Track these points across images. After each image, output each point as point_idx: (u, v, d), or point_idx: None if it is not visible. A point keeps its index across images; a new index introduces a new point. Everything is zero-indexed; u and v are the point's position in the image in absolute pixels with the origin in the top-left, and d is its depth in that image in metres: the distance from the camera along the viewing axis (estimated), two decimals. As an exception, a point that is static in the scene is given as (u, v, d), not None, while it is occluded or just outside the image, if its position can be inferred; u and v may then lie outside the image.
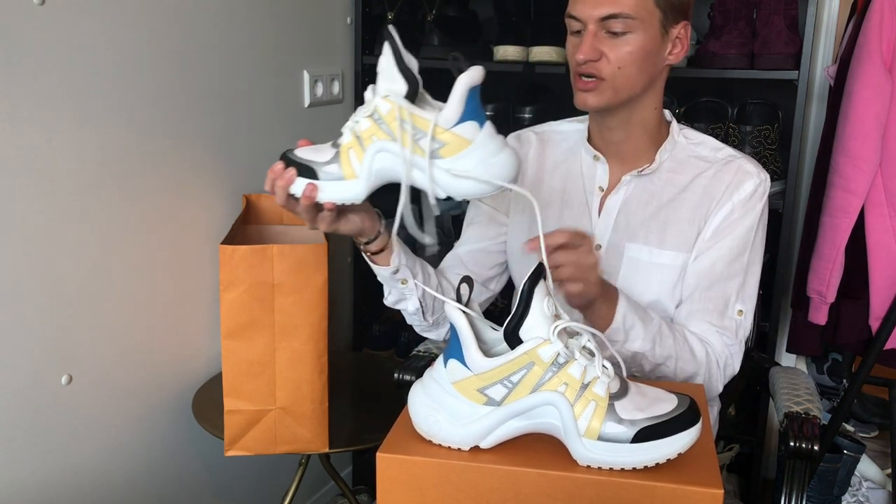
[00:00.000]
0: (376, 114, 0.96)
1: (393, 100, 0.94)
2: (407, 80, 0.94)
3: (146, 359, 1.56)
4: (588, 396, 0.79)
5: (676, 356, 1.20)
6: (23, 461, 1.34)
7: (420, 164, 0.95)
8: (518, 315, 0.81)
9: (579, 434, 0.79)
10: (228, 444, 1.43)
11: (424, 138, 0.93)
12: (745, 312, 1.27)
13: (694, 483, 0.77)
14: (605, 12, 1.17)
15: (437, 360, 0.85)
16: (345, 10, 2.06)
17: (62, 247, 1.36)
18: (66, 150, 1.34)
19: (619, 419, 0.79)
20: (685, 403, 0.81)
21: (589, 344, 0.82)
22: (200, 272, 1.66)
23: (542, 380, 0.80)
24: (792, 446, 1.22)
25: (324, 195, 1.00)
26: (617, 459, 0.79)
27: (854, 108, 1.68)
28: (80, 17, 1.33)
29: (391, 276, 1.19)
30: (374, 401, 1.72)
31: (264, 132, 1.81)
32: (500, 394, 0.81)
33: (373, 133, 0.97)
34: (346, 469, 2.29)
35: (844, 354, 2.14)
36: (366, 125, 0.97)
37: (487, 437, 0.82)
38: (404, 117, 0.94)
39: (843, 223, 1.73)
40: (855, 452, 2.06)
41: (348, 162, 0.99)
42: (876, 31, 1.64)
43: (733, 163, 1.27)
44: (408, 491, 0.82)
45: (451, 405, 0.83)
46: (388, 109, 0.95)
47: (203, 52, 1.61)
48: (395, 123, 0.94)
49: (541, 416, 0.81)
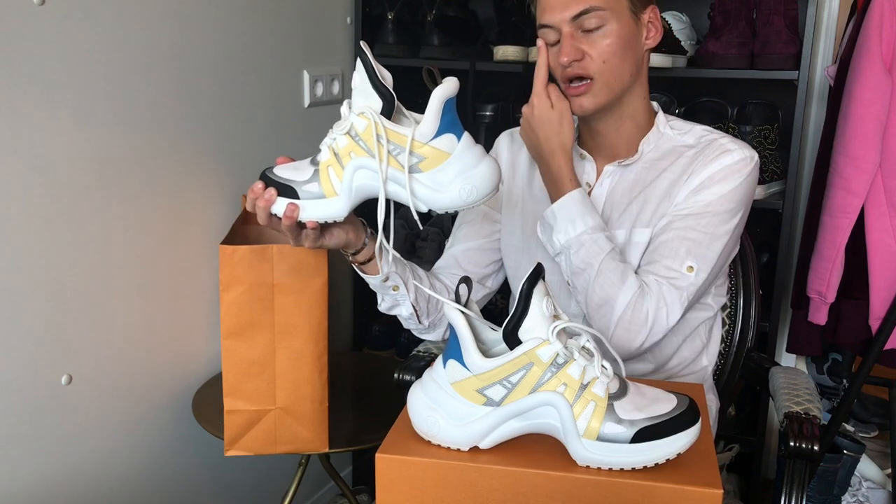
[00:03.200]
0: (353, 130, 0.96)
1: (368, 116, 0.95)
2: (382, 95, 0.95)
3: (146, 359, 1.56)
4: (587, 397, 0.79)
5: (599, 270, 1.18)
6: (22, 461, 1.34)
7: (399, 180, 0.95)
8: (517, 315, 0.81)
9: (578, 434, 0.79)
10: (228, 444, 1.43)
11: (402, 153, 0.94)
12: (695, 270, 1.20)
13: (693, 483, 0.77)
14: (576, 10, 1.18)
15: (437, 361, 0.85)
16: (345, 10, 2.06)
17: (62, 247, 1.36)
18: (66, 150, 1.34)
19: (619, 419, 0.79)
20: (685, 403, 0.81)
21: (588, 344, 0.82)
22: (200, 272, 1.66)
23: (542, 380, 0.80)
24: (792, 446, 1.21)
25: (305, 214, 1.00)
26: (616, 460, 0.79)
27: (854, 108, 1.68)
28: (80, 17, 1.33)
29: (381, 283, 1.20)
30: (374, 401, 1.72)
31: (264, 132, 1.81)
32: (499, 394, 0.81)
33: (350, 150, 0.97)
34: (346, 469, 2.29)
35: (844, 354, 2.15)
36: (343, 142, 0.97)
37: (486, 437, 0.82)
38: (380, 133, 0.94)
39: (843, 223, 1.73)
40: (855, 452, 2.06)
41: (328, 180, 0.99)
42: (876, 31, 1.64)
43: (716, 142, 1.26)
44: (407, 491, 0.82)
45: (451, 406, 0.83)
46: (365, 126, 0.95)
47: (203, 52, 1.61)
48: (372, 140, 0.95)
49: (540, 417, 0.81)
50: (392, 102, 0.96)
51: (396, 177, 0.95)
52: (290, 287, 1.36)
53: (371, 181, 0.97)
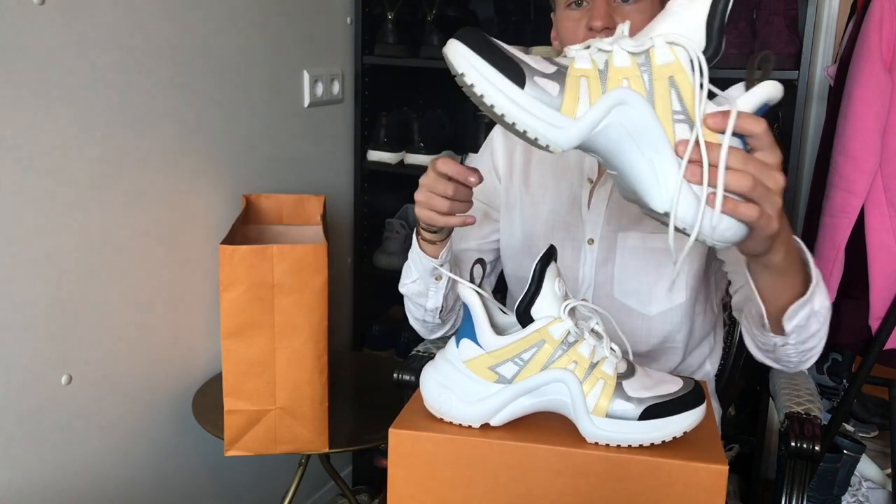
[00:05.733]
0: (644, 56, 0.71)
1: (690, 51, 0.70)
2: (715, 42, 0.71)
3: (146, 359, 1.56)
4: (597, 375, 0.81)
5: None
6: (22, 461, 1.34)
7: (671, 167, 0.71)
8: (529, 295, 0.82)
9: (588, 411, 0.80)
10: (228, 444, 1.43)
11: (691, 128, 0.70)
12: None
13: (699, 460, 0.78)
14: None
15: (450, 342, 0.87)
16: (345, 10, 2.06)
17: (63, 246, 1.36)
18: (65, 150, 1.34)
19: (627, 397, 0.80)
20: (690, 385, 0.83)
21: (597, 327, 0.83)
22: (200, 272, 1.66)
23: (553, 357, 0.81)
24: (792, 446, 1.22)
25: (519, 118, 0.71)
26: (624, 436, 0.80)
27: (854, 108, 1.68)
28: (80, 17, 1.33)
29: (432, 269, 1.17)
30: (374, 401, 1.72)
31: (264, 132, 1.81)
32: (511, 371, 0.82)
33: (627, 76, 0.71)
34: (346, 469, 2.29)
35: (844, 354, 2.14)
36: (623, 61, 0.71)
37: (498, 414, 0.84)
38: (703, 79, 0.70)
39: (843, 223, 1.73)
40: (855, 452, 2.06)
41: (575, 91, 0.71)
42: (876, 31, 1.64)
43: None
44: (419, 467, 0.83)
45: (463, 383, 0.84)
46: (670, 62, 0.70)
47: (203, 52, 1.61)
48: (674, 84, 0.70)
49: (550, 394, 0.82)
50: (718, 54, 0.72)
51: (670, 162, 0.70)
52: (290, 287, 1.36)
53: (624, 136, 0.71)
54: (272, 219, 1.67)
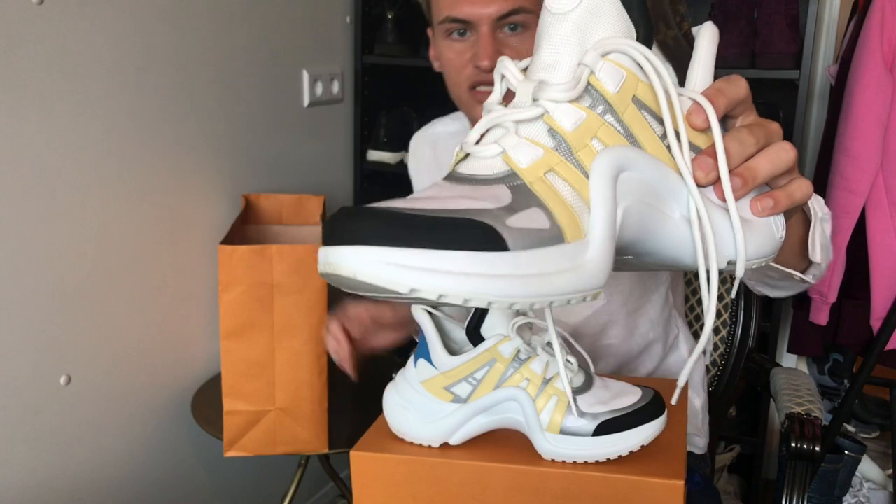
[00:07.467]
0: (589, 93, 0.50)
1: (634, 55, 0.50)
2: (638, 18, 0.51)
3: (145, 359, 1.56)
4: (550, 391, 0.80)
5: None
6: (22, 461, 1.34)
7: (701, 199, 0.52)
8: (478, 314, 0.82)
9: (542, 428, 0.80)
10: (228, 445, 1.42)
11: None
12: None
13: (655, 475, 0.78)
14: (504, 9, 1.03)
15: (409, 361, 0.87)
16: (344, 10, 2.06)
17: (62, 246, 1.36)
18: (65, 149, 1.34)
19: (581, 412, 0.80)
20: (648, 396, 0.82)
21: (554, 341, 0.83)
22: (200, 272, 1.66)
23: (505, 376, 0.81)
24: (793, 447, 1.21)
25: (536, 293, 0.45)
26: (579, 453, 0.80)
27: (855, 108, 1.67)
28: (79, 17, 1.33)
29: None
30: (373, 401, 1.71)
31: (264, 132, 1.81)
32: (465, 391, 0.83)
33: (590, 131, 0.50)
34: (345, 470, 2.29)
35: (846, 355, 2.14)
36: (569, 117, 0.49)
37: (455, 433, 0.84)
38: (667, 86, 0.50)
39: (844, 223, 1.73)
40: (856, 453, 2.06)
41: (559, 201, 0.48)
42: (877, 30, 1.64)
43: None
44: (381, 488, 0.84)
45: (421, 403, 0.84)
46: (622, 78, 0.50)
47: (202, 52, 1.61)
48: (639, 102, 0.51)
49: (505, 412, 0.82)
50: (651, 37, 0.52)
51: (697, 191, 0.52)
52: (289, 287, 1.36)
53: (643, 215, 0.50)
54: (272, 219, 1.67)
